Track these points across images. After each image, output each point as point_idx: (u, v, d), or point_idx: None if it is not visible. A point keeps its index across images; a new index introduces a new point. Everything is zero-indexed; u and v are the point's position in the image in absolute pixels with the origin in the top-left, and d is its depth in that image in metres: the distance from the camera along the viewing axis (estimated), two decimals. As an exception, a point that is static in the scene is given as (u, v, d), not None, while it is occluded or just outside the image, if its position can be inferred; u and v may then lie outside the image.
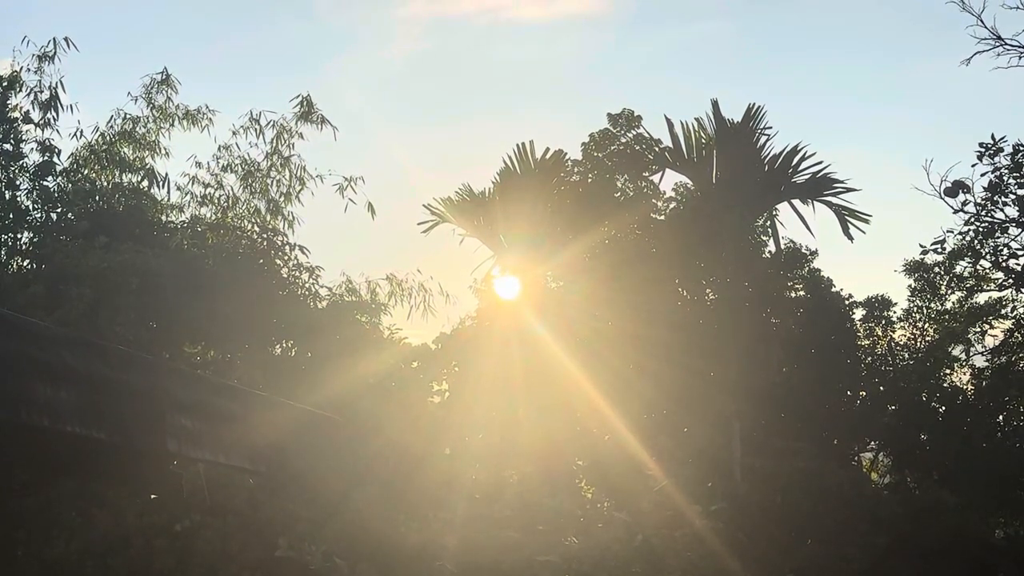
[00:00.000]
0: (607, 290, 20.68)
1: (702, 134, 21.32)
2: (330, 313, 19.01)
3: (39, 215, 18.42)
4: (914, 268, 22.91)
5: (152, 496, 10.69)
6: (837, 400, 22.13)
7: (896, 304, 23.25)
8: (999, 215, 19.08)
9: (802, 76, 50.81)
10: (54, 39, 18.67)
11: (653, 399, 20.37)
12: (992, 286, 22.07)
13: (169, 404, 9.15)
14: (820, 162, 20.67)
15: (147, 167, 19.62)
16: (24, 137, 18.30)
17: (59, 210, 18.66)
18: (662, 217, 22.78)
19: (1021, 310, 22.45)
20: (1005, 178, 18.54)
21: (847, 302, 22.82)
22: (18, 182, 18.18)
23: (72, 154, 19.17)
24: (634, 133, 22.52)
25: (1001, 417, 22.70)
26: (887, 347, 23.17)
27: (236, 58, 52.47)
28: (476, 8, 52.11)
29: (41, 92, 18.49)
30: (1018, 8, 16.58)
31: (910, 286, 23.19)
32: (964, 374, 23.18)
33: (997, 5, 18.58)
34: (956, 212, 18.98)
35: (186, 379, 10.50)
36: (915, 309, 23.27)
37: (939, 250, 20.65)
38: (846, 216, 20.62)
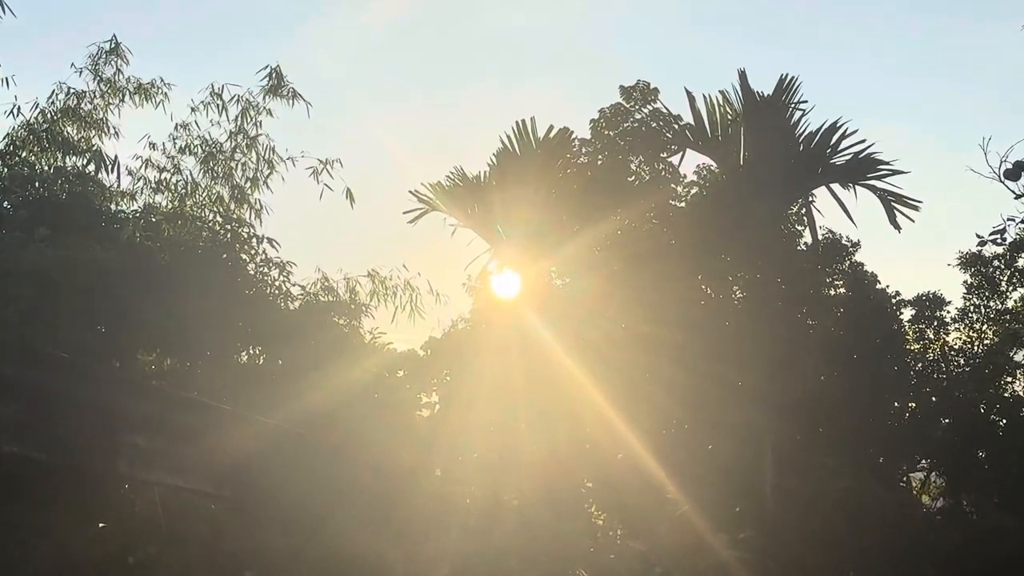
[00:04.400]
0: (619, 288, 20.72)
1: (728, 109, 21.34)
2: (303, 315, 19.06)
3: (-30, 204, 18.47)
4: (970, 261, 22.93)
5: (101, 524, 10.73)
6: (883, 413, 22.15)
7: (950, 303, 23.26)
8: (1068, 200, 19.13)
9: (834, 44, 50.82)
10: (-18, 2, 18.69)
11: (672, 411, 20.41)
12: (1060, 281, 22.11)
13: (120, 420, 9.23)
14: (863, 140, 20.71)
15: (94, 148, 19.61)
16: (-50, 115, 18.36)
17: (-7, 198, 18.70)
18: (682, 204, 22.81)
19: (1092, 309, 22.49)
20: (1075, 157, 18.59)
21: (894, 301, 22.83)
22: (-55, 167, 18.23)
23: (8, 134, 19.21)
24: (650, 108, 22.56)
25: (1070, 431, 22.73)
26: (940, 352, 23.19)
27: (195, 25, 52.51)
28: (469, -35, 52.13)
29: (-31, 63, 18.53)
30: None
31: (966, 282, 23.20)
32: (1028, 382, 23.22)
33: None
34: (1018, 197, 18.93)
35: (139, 392, 10.59)
36: (972, 308, 23.26)
37: (999, 241, 20.38)
38: (893, 202, 20.67)
